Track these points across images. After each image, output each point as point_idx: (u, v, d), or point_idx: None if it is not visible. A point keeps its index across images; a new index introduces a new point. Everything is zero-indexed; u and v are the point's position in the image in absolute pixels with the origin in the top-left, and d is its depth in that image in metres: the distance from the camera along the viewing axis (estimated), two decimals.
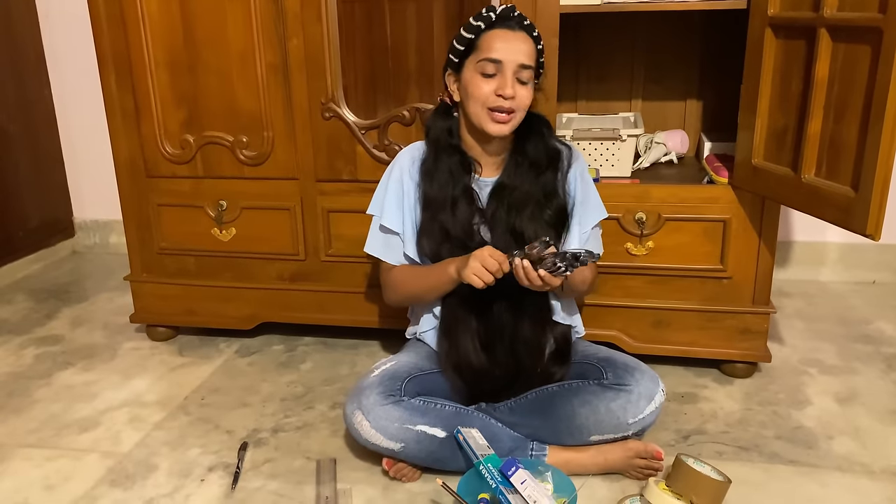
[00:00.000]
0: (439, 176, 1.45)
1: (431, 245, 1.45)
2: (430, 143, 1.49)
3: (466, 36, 1.39)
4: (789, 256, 2.43)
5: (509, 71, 1.36)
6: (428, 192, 1.46)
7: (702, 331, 1.77)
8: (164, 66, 1.85)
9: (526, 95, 1.38)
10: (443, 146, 1.46)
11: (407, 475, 1.43)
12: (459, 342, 1.45)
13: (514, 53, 1.36)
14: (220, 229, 1.94)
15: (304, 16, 1.73)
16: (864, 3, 1.30)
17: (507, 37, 1.37)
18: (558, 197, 1.46)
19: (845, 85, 1.37)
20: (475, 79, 1.38)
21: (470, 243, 1.42)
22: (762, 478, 1.43)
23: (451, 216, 1.43)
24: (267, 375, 1.89)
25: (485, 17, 1.38)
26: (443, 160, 1.45)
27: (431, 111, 1.54)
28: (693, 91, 2.10)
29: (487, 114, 1.38)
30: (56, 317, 2.31)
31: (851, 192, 1.38)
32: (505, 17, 1.39)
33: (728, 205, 1.68)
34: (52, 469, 1.52)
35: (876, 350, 1.95)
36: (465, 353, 1.44)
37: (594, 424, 1.40)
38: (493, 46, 1.36)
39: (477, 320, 1.45)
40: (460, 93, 1.43)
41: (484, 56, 1.37)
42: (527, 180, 1.44)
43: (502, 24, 1.38)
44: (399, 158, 1.52)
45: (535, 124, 1.47)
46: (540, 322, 1.47)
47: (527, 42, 1.38)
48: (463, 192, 1.44)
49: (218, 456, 1.55)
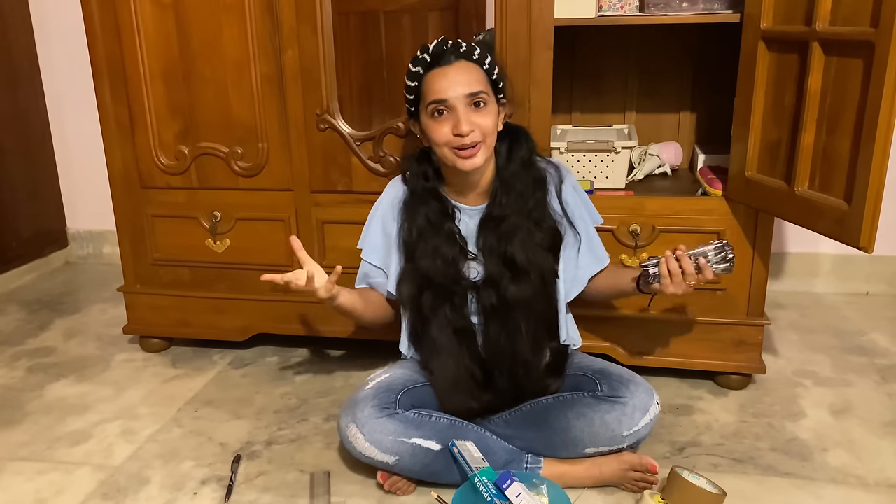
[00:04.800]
0: (419, 223, 1.44)
1: (411, 290, 1.45)
2: (409, 186, 1.49)
3: (411, 85, 1.39)
4: (783, 268, 2.44)
5: (459, 106, 1.33)
6: (407, 240, 1.46)
7: (696, 342, 1.77)
8: (159, 76, 1.85)
9: (486, 122, 1.35)
10: (419, 195, 1.46)
11: (402, 488, 1.42)
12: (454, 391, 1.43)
13: (456, 88, 1.33)
14: (214, 240, 1.94)
15: (299, 28, 1.73)
16: (856, 18, 1.31)
17: (446, 73, 1.35)
18: (548, 219, 1.45)
19: (838, 98, 1.38)
20: (430, 124, 1.37)
21: (456, 287, 1.42)
22: (757, 490, 1.43)
23: (432, 263, 1.42)
24: (261, 387, 1.88)
25: (420, 60, 1.37)
26: (420, 210, 1.45)
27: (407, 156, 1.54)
28: (687, 103, 2.11)
29: (454, 153, 1.36)
30: (49, 328, 2.30)
31: (844, 205, 1.38)
32: (438, 54, 1.36)
33: (722, 217, 1.69)
34: (44, 482, 1.51)
35: (870, 362, 1.96)
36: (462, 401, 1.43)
37: (589, 437, 1.39)
38: (433, 89, 1.35)
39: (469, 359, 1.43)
40: (424, 139, 1.43)
41: (430, 100, 1.35)
42: (515, 207, 1.42)
43: (438, 63, 1.36)
44: (383, 197, 1.53)
45: (515, 144, 1.45)
46: (540, 343, 1.46)
47: (468, 70, 1.36)
48: (445, 238, 1.43)
49: (211, 469, 1.54)
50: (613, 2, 1.71)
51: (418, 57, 1.38)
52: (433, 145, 1.40)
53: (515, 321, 1.42)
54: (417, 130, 1.45)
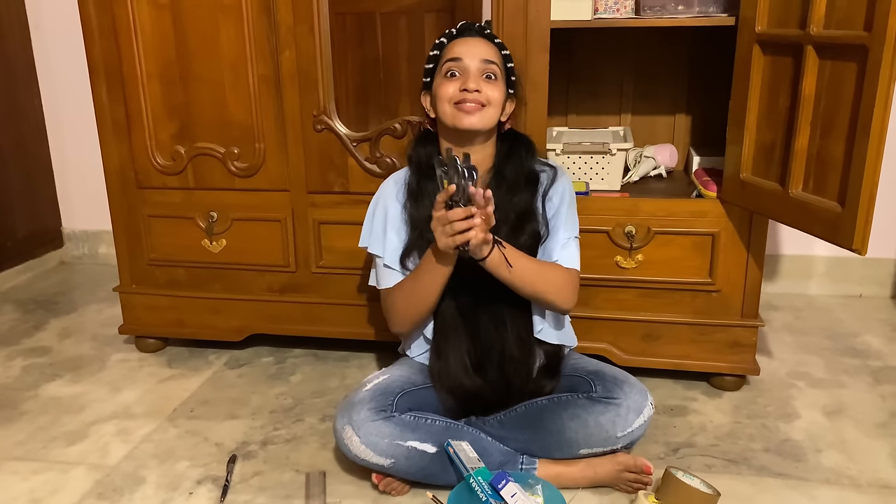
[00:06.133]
0: (424, 198, 1.45)
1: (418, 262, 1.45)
2: (412, 167, 1.50)
3: (433, 54, 1.46)
4: (777, 270, 2.45)
5: (472, 67, 1.40)
6: (414, 215, 1.46)
7: (691, 344, 1.78)
8: (156, 77, 1.85)
9: (493, 93, 1.40)
10: (424, 170, 1.47)
11: (396, 489, 1.42)
12: (451, 364, 1.44)
13: (474, 53, 1.41)
14: (210, 241, 1.94)
15: (296, 28, 1.73)
16: (850, 22, 1.32)
17: (467, 41, 1.43)
18: (531, 222, 1.45)
19: (832, 101, 1.39)
20: (441, 83, 1.42)
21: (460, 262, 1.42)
22: (751, 491, 1.44)
23: None
24: (256, 388, 1.88)
25: (447, 33, 1.46)
26: (426, 183, 1.46)
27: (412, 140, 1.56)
28: (682, 106, 2.11)
29: (455, 108, 1.39)
30: (44, 328, 2.30)
31: (838, 207, 1.39)
32: (464, 28, 1.46)
33: (717, 219, 1.70)
34: (39, 482, 1.51)
35: (863, 363, 1.97)
36: (456, 376, 1.44)
37: (583, 438, 1.40)
38: (453, 51, 1.43)
39: (467, 341, 1.45)
40: (433, 107, 1.45)
41: (447, 58, 1.42)
42: (503, 202, 1.42)
43: (462, 35, 1.45)
44: (382, 187, 1.53)
45: (515, 146, 1.48)
46: (526, 341, 1.47)
47: (488, 45, 1.44)
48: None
49: (207, 469, 1.54)
50: (609, 4, 1.71)
51: (446, 31, 1.46)
52: (438, 104, 1.42)
53: (500, 315, 1.44)
54: (427, 103, 1.48)
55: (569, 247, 1.47)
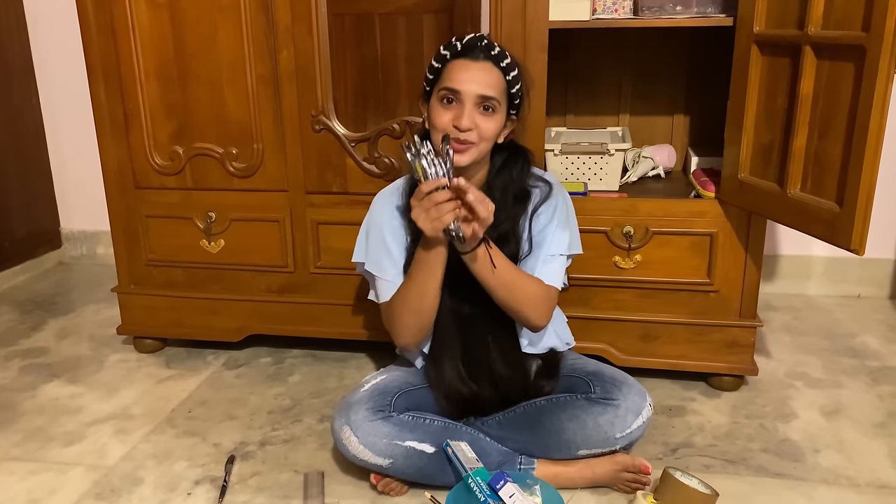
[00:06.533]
0: None
1: None
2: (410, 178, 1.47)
3: (435, 65, 1.38)
4: (775, 270, 2.45)
5: (468, 101, 1.32)
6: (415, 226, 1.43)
7: (689, 344, 1.78)
8: (154, 76, 1.85)
9: (489, 127, 1.34)
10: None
11: (395, 489, 1.42)
12: (446, 372, 1.44)
13: (472, 84, 1.32)
14: (208, 241, 1.94)
15: (294, 28, 1.73)
16: (848, 22, 1.32)
17: (469, 67, 1.34)
18: (509, 244, 1.41)
19: (830, 102, 1.39)
20: (436, 107, 1.36)
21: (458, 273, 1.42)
22: (749, 491, 1.44)
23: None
24: (254, 388, 1.88)
25: (451, 45, 1.36)
26: None
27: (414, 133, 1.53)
28: (680, 106, 2.12)
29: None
30: (42, 328, 2.29)
31: (836, 208, 1.39)
32: (471, 46, 1.35)
33: (715, 219, 1.70)
34: (37, 482, 1.51)
35: (861, 363, 1.97)
36: (452, 383, 1.44)
37: (582, 439, 1.40)
38: (452, 76, 1.34)
39: (460, 349, 1.44)
40: (427, 121, 1.41)
41: (444, 85, 1.35)
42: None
43: (467, 55, 1.35)
44: (373, 206, 1.49)
45: (510, 161, 1.44)
46: (511, 359, 1.46)
47: (491, 72, 1.34)
48: None
49: (205, 469, 1.54)
50: (608, 5, 1.72)
51: (451, 42, 1.37)
52: (431, 128, 1.38)
53: (485, 336, 1.44)
54: (424, 111, 1.43)
55: (551, 263, 1.43)
